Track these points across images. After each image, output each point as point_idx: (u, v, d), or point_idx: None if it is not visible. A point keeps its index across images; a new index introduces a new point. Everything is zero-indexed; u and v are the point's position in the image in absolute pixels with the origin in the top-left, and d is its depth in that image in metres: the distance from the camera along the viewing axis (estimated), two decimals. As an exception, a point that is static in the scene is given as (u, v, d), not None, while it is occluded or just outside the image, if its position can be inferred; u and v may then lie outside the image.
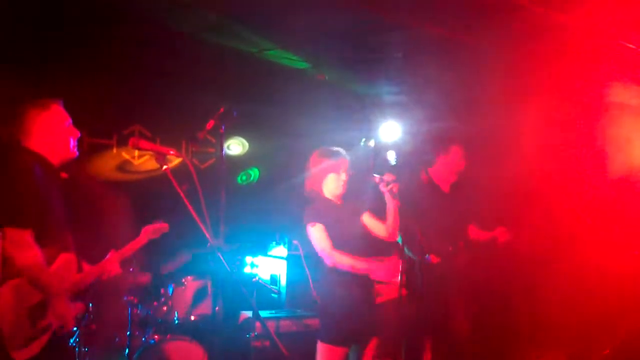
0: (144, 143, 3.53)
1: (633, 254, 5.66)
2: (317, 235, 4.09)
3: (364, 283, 4.09)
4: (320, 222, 4.08)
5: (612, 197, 5.86)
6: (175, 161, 6.05)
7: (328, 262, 4.05)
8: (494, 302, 5.52)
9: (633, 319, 5.38)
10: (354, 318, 4.00)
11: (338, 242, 4.04)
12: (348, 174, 4.20)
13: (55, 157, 3.55)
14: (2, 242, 3.16)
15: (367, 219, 4.21)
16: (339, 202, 4.23)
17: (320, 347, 4.05)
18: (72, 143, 3.62)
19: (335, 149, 4.30)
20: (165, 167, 3.42)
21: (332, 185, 4.19)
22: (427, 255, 4.72)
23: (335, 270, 4.03)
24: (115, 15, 5.15)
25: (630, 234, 5.70)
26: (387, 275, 4.03)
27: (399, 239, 4.29)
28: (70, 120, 3.65)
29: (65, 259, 3.51)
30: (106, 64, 5.72)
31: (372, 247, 4.17)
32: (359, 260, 4.00)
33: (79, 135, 3.68)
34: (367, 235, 4.20)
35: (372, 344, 4.14)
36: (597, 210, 5.86)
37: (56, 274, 3.41)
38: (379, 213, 4.24)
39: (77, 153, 3.65)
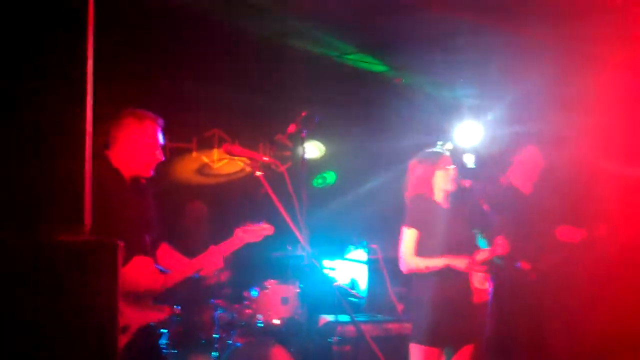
0: (237, 148, 3.56)
1: None
2: (405, 238, 4.06)
3: (459, 283, 4.04)
4: (416, 228, 4.04)
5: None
6: (246, 166, 6.11)
7: (402, 267, 4.07)
8: (587, 308, 5.29)
9: None
10: (448, 318, 3.97)
11: (434, 248, 4.00)
12: (454, 168, 4.15)
13: (130, 170, 3.51)
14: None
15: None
16: (446, 205, 4.16)
17: (414, 349, 4.03)
18: (153, 163, 3.52)
19: (433, 149, 4.27)
20: (259, 173, 3.43)
21: (442, 182, 4.12)
22: (517, 263, 4.61)
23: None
24: (196, 21, 5.23)
25: None
26: (468, 267, 3.98)
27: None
28: (159, 141, 3.56)
29: (139, 262, 3.47)
30: (187, 68, 5.81)
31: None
32: (435, 258, 3.98)
33: (162, 159, 3.57)
34: (472, 243, 4.13)
35: (468, 349, 4.07)
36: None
37: (128, 276, 3.35)
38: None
39: (152, 173, 3.55)
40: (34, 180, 1.75)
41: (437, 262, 3.97)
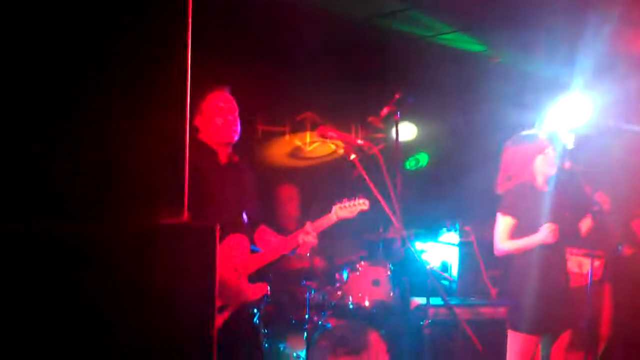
0: (332, 132, 3.55)
1: None
2: (500, 225, 4.01)
3: (557, 268, 3.99)
4: (512, 215, 3.95)
5: None
6: (340, 149, 6.11)
7: (495, 252, 4.03)
8: None
9: None
10: (547, 305, 3.89)
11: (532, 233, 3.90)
12: (553, 149, 4.03)
13: (214, 138, 3.60)
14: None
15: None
16: (545, 189, 4.03)
17: (513, 336, 3.96)
18: (232, 128, 3.59)
19: (530, 131, 4.15)
20: (353, 156, 3.42)
21: (542, 166, 4.02)
22: (619, 246, 4.43)
23: (524, 256, 3.93)
24: (290, 4, 5.23)
25: None
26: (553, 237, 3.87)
27: None
28: (234, 106, 3.65)
29: (234, 240, 3.54)
30: (280, 52, 5.85)
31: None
32: (525, 237, 3.89)
33: (237, 123, 3.64)
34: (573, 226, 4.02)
35: (566, 335, 3.98)
36: None
37: (222, 254, 3.42)
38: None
39: (235, 138, 3.62)
40: (135, 165, 1.80)
41: (525, 241, 3.91)
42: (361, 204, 3.83)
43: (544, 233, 3.85)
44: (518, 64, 6.39)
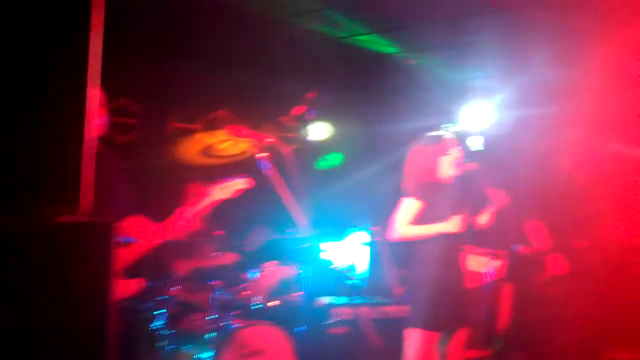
0: (243, 131, 3.54)
1: None
2: (404, 207, 4.04)
3: (454, 266, 4.08)
4: (418, 199, 4.01)
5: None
6: (252, 147, 6.07)
7: (390, 235, 4.07)
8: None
9: None
10: (446, 302, 3.97)
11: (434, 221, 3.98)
12: (459, 151, 4.11)
13: None
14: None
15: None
16: (450, 187, 4.13)
17: (412, 334, 4.02)
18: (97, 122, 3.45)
19: (437, 132, 4.22)
20: (264, 154, 3.42)
21: (447, 166, 4.11)
22: (514, 246, 4.60)
23: (423, 252, 3.99)
24: (202, 1, 5.17)
25: None
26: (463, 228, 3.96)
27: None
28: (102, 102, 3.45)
29: None
30: (192, 49, 5.76)
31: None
32: (427, 225, 3.96)
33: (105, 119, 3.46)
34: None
35: (463, 332, 4.08)
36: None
37: None
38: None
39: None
40: (31, 161, 1.76)
41: (429, 228, 3.97)
42: (239, 183, 3.72)
43: (454, 223, 3.93)
44: (432, 67, 6.53)
